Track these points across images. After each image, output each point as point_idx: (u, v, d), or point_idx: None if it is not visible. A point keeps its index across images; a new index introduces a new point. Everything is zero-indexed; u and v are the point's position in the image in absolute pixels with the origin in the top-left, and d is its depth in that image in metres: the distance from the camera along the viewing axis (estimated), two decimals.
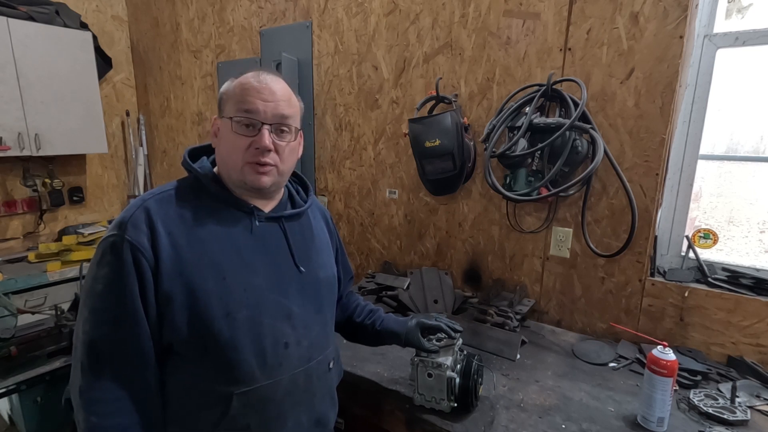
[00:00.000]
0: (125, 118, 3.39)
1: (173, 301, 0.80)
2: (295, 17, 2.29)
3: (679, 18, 1.32)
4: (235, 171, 0.88)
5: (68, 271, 2.55)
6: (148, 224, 0.81)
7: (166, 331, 0.82)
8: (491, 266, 1.85)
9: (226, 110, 0.89)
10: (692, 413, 1.15)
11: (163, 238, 0.81)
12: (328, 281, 1.03)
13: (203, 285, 0.81)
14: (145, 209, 0.82)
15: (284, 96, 0.89)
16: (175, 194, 0.88)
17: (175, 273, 0.80)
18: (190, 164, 0.91)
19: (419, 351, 1.14)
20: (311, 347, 0.95)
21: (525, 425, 1.10)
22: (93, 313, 0.79)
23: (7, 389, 1.66)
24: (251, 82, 0.87)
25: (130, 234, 0.79)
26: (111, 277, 0.78)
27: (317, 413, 0.99)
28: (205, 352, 0.83)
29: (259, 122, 0.86)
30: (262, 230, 0.92)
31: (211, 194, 0.89)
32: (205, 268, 0.82)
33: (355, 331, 1.22)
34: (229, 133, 0.87)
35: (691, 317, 1.44)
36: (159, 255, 0.80)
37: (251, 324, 0.85)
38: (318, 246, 1.03)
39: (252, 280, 0.87)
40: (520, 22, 1.61)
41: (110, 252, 0.79)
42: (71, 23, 2.82)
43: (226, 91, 0.90)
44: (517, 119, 1.56)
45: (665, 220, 1.55)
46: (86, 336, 0.79)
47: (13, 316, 1.82)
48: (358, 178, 2.22)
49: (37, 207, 2.98)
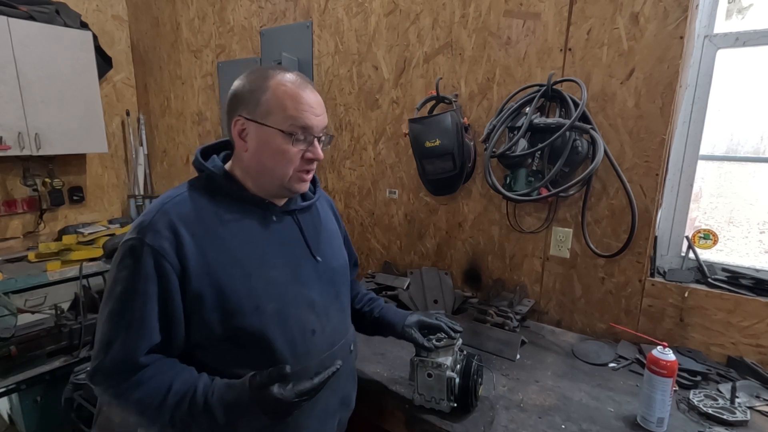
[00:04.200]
0: (125, 118, 3.39)
1: (204, 301, 0.82)
2: (295, 17, 2.29)
3: (680, 18, 1.32)
4: (278, 179, 0.90)
5: (68, 270, 2.55)
6: (171, 229, 0.82)
7: (195, 331, 0.84)
8: (491, 266, 1.85)
9: (270, 119, 0.86)
10: (692, 414, 1.15)
11: (187, 241, 0.82)
12: (342, 268, 1.08)
13: (231, 283, 0.84)
14: (165, 213, 0.84)
15: (323, 107, 0.92)
16: (189, 196, 0.88)
17: (203, 274, 0.82)
18: (203, 164, 0.92)
19: (418, 350, 1.14)
20: (334, 332, 1.00)
21: (525, 425, 1.10)
22: (111, 314, 0.81)
23: (7, 389, 1.66)
24: (301, 95, 0.87)
25: (150, 239, 0.80)
26: (129, 280, 0.80)
27: (343, 392, 1.05)
28: (238, 345, 0.85)
29: (312, 136, 0.89)
30: (278, 224, 0.95)
31: (227, 193, 0.91)
32: (231, 266, 0.85)
33: (354, 318, 1.22)
34: (280, 144, 0.87)
35: (691, 318, 1.44)
36: (185, 258, 0.81)
37: (279, 316, 0.88)
38: (329, 235, 1.08)
39: (274, 274, 0.90)
40: (520, 23, 1.61)
41: (129, 255, 0.81)
42: (71, 23, 2.82)
43: (268, 99, 0.86)
44: (517, 119, 1.56)
45: (665, 220, 1.55)
46: (104, 336, 0.81)
47: (13, 315, 1.82)
48: (358, 178, 2.22)
49: (37, 206, 2.98)
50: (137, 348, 0.80)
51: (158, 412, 0.80)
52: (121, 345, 0.80)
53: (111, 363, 0.80)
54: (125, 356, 0.80)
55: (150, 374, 0.81)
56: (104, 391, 0.82)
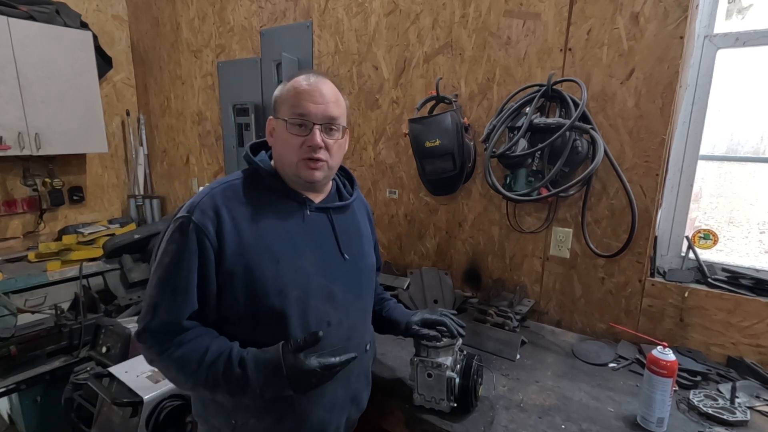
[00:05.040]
0: (125, 118, 3.39)
1: (235, 278, 0.90)
2: (295, 17, 2.29)
3: (680, 18, 1.32)
4: (290, 167, 0.97)
5: (68, 270, 2.55)
6: (215, 210, 0.91)
7: (224, 304, 0.92)
8: (491, 266, 1.85)
9: (281, 112, 0.97)
10: (692, 414, 1.15)
11: (227, 223, 0.91)
12: (368, 269, 1.12)
13: (260, 266, 0.91)
14: (212, 196, 0.93)
15: (332, 97, 0.97)
16: (237, 184, 0.98)
17: (238, 254, 0.90)
18: (252, 158, 1.01)
19: (419, 350, 1.14)
20: (351, 328, 1.04)
21: (525, 425, 1.10)
22: (159, 281, 0.90)
23: (7, 389, 1.66)
24: (303, 85, 0.95)
25: (197, 217, 0.89)
26: (176, 252, 0.89)
27: (353, 391, 1.07)
28: (258, 323, 0.93)
29: (311, 123, 0.94)
30: (312, 219, 1.01)
31: (269, 186, 0.99)
32: (263, 251, 0.92)
33: None
34: (284, 133, 0.96)
35: (691, 318, 1.44)
36: (223, 238, 0.90)
37: (299, 303, 0.94)
38: (361, 237, 1.12)
39: (302, 264, 0.96)
40: (520, 23, 1.62)
41: (178, 230, 0.90)
42: (71, 23, 2.82)
43: (280, 95, 0.99)
44: (517, 119, 1.56)
45: (665, 220, 1.55)
46: (151, 300, 0.90)
47: (13, 315, 1.82)
48: (358, 178, 2.21)
49: (37, 206, 2.98)
50: (181, 312, 0.89)
51: (196, 370, 0.87)
52: (167, 308, 0.89)
53: (158, 324, 0.88)
54: (171, 318, 0.88)
55: (190, 337, 0.89)
56: (149, 348, 0.90)
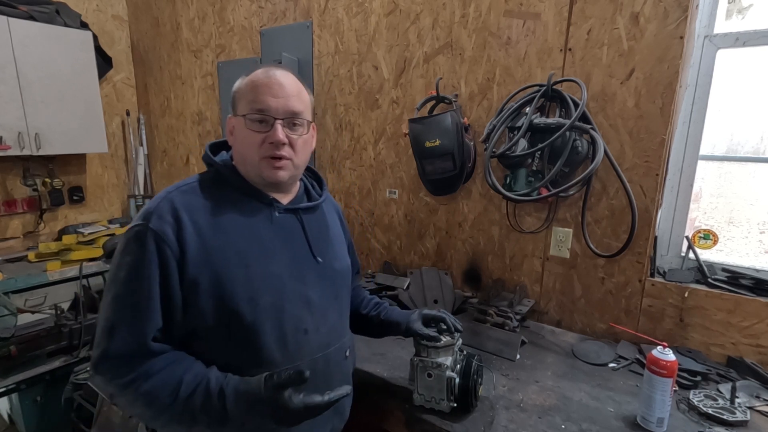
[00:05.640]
0: (125, 118, 3.38)
1: (199, 287, 0.82)
2: (295, 17, 2.29)
3: (680, 18, 1.32)
4: (252, 166, 0.91)
5: (68, 270, 2.55)
6: (173, 215, 0.83)
7: (191, 318, 0.84)
8: (491, 266, 1.85)
9: (239, 108, 0.91)
10: (692, 414, 1.15)
11: (188, 227, 0.83)
12: (343, 272, 1.07)
13: (228, 272, 0.84)
14: (169, 200, 0.85)
15: (294, 90, 0.91)
16: (196, 187, 0.91)
17: (202, 261, 0.83)
18: (211, 157, 0.95)
19: (419, 350, 1.14)
20: (329, 334, 0.98)
21: (525, 425, 1.10)
22: (115, 299, 0.81)
23: (7, 389, 1.66)
24: (261, 78, 0.89)
25: (154, 224, 0.81)
26: (133, 264, 0.81)
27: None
28: (229, 336, 0.85)
29: (271, 118, 0.88)
30: (281, 221, 0.95)
31: (233, 186, 0.93)
32: (230, 256, 0.85)
33: (361, 323, 1.23)
34: (244, 130, 0.89)
35: (691, 318, 1.44)
36: (185, 244, 0.82)
37: (273, 310, 0.88)
38: (333, 238, 1.07)
39: (273, 269, 0.90)
40: (520, 23, 1.61)
41: (134, 241, 0.82)
42: (71, 23, 2.82)
43: (238, 90, 0.92)
44: (517, 119, 1.56)
45: (665, 220, 1.55)
46: (107, 322, 0.80)
47: (13, 315, 1.82)
48: (358, 178, 2.22)
49: (37, 206, 2.98)
50: (145, 332, 0.79)
51: (170, 405, 0.77)
52: (127, 330, 0.79)
53: (118, 348, 0.78)
54: (133, 341, 0.78)
55: (159, 366, 0.79)
56: (110, 380, 0.78)
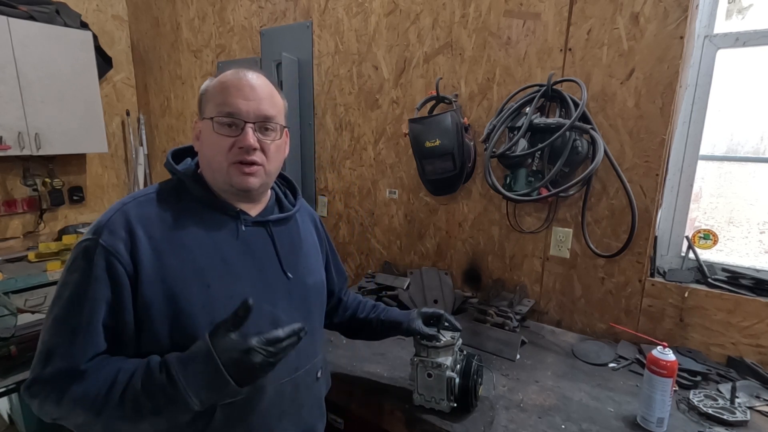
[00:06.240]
0: (125, 118, 3.39)
1: (152, 310, 0.75)
2: (295, 17, 2.29)
3: (680, 18, 1.32)
4: (220, 173, 0.84)
5: None
6: (127, 229, 0.76)
7: (145, 342, 0.77)
8: (491, 266, 1.85)
9: (206, 111, 0.84)
10: (692, 414, 1.15)
11: (143, 243, 0.76)
12: (316, 287, 1.00)
13: (186, 293, 0.77)
14: (123, 213, 0.78)
15: (266, 93, 0.85)
16: (156, 197, 0.83)
17: (157, 280, 0.76)
18: (173, 165, 0.87)
19: (418, 350, 1.14)
20: (299, 356, 0.90)
21: (525, 425, 1.10)
22: (55, 321, 0.75)
23: (7, 389, 1.66)
24: (231, 79, 0.83)
25: (105, 239, 0.74)
26: (79, 283, 0.74)
27: (305, 425, 0.96)
28: None
29: (242, 121, 0.82)
30: (248, 235, 0.88)
31: (195, 197, 0.85)
32: (189, 275, 0.78)
33: (360, 328, 1.22)
34: (211, 135, 0.82)
35: (691, 318, 1.44)
36: (139, 261, 0.75)
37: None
38: (306, 251, 1.00)
39: (237, 288, 0.82)
40: (520, 23, 1.61)
41: (82, 257, 0.75)
42: (71, 23, 2.82)
43: (205, 91, 0.86)
44: (517, 119, 1.56)
45: (665, 220, 1.55)
46: (44, 346, 0.74)
47: (13, 315, 1.82)
48: (358, 178, 2.22)
49: (37, 206, 2.98)
50: (81, 355, 0.72)
51: (107, 397, 0.70)
52: (64, 354, 0.72)
53: (51, 372, 0.72)
54: (67, 365, 0.72)
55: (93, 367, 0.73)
56: (44, 399, 0.73)
